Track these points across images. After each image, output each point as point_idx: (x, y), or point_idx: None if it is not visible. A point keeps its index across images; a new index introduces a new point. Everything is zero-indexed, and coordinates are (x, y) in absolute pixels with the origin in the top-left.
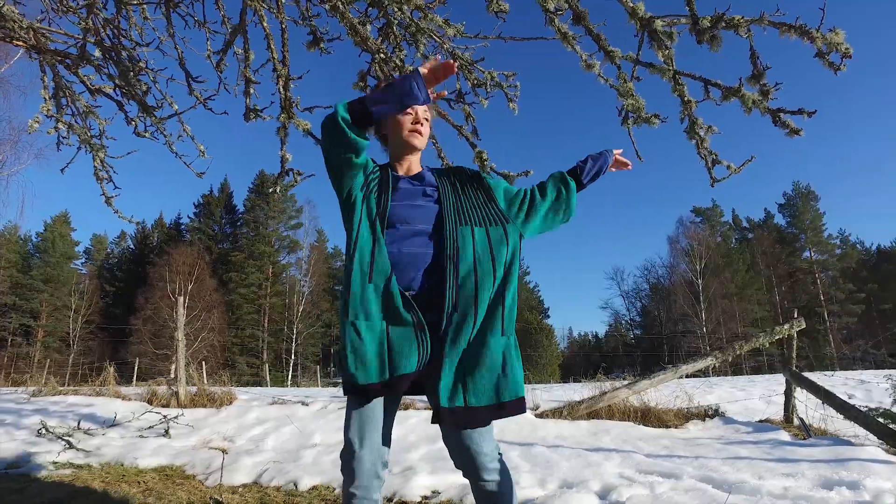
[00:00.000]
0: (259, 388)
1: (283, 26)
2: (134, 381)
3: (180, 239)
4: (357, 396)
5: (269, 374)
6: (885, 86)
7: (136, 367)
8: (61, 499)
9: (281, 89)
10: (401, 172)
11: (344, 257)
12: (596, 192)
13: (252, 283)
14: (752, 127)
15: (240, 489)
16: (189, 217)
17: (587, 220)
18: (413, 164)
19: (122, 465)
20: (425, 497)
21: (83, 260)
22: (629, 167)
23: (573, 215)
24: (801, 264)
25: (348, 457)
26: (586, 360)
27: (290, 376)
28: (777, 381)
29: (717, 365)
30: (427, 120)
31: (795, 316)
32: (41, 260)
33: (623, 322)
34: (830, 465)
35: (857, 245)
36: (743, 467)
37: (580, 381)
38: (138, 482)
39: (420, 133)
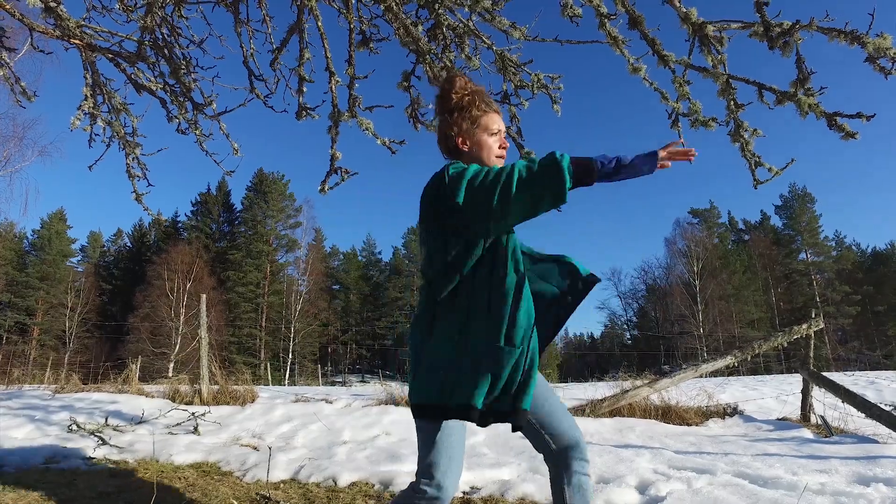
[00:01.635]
0: (278, 386)
1: (351, 26)
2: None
3: (178, 237)
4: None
5: (266, 373)
6: (876, 86)
7: (137, 366)
8: (110, 493)
9: (333, 89)
10: None
11: (434, 273)
12: (594, 194)
13: (250, 281)
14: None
15: (281, 485)
16: (187, 215)
17: (584, 221)
18: None
19: (158, 461)
20: (465, 493)
21: (80, 257)
22: (690, 157)
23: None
24: (797, 266)
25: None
26: (583, 360)
27: (287, 375)
28: (785, 381)
29: (736, 363)
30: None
31: (813, 316)
32: (37, 257)
33: (620, 323)
34: (862, 461)
35: (853, 247)
36: (774, 463)
37: (583, 382)
38: (178, 478)
39: (504, 157)
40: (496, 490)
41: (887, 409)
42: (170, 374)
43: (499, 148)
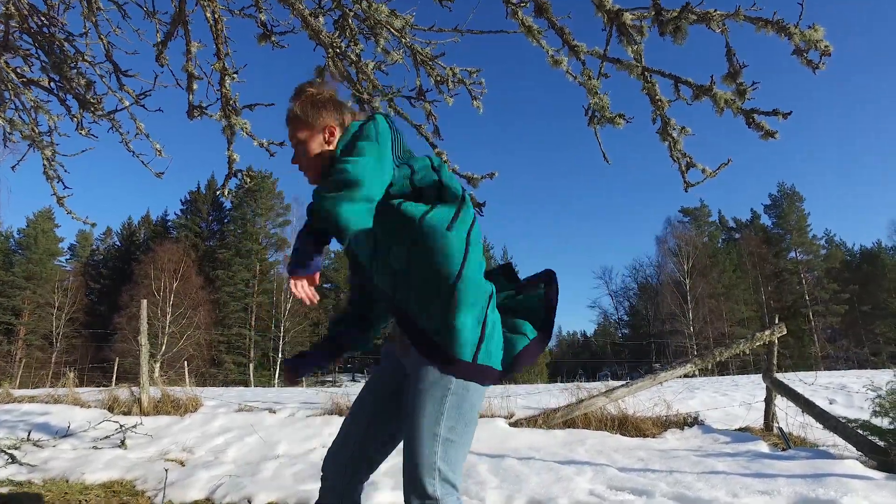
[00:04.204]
0: (236, 388)
1: (217, 16)
2: (114, 382)
3: (167, 236)
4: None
5: (256, 372)
6: (862, 84)
7: (115, 367)
8: None
9: (227, 85)
10: None
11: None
12: (585, 191)
13: (239, 280)
14: (737, 126)
15: None
16: (176, 214)
17: (575, 219)
18: None
19: (67, 481)
20: None
21: (68, 256)
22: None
23: None
24: (786, 265)
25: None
26: (574, 359)
27: (276, 375)
28: (760, 386)
29: (696, 372)
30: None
31: (777, 322)
32: (23, 256)
33: (611, 321)
34: (808, 480)
35: (841, 246)
36: (718, 483)
37: (567, 382)
38: (79, 501)
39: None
40: None
41: (850, 420)
42: (156, 375)
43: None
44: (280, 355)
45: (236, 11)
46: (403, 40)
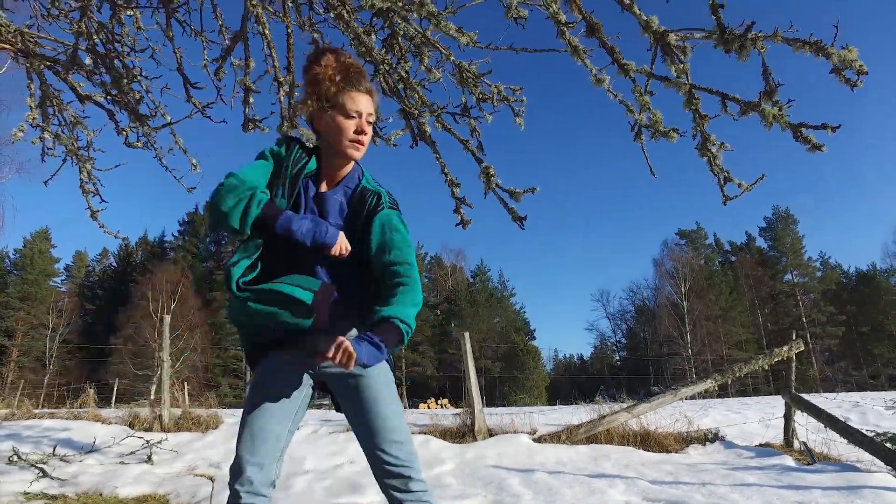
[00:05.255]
0: (237, 409)
1: (289, 30)
2: (113, 403)
3: (164, 257)
4: None
5: None
6: (849, 106)
7: (115, 388)
8: None
9: (282, 98)
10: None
11: None
12: (583, 213)
13: None
14: (735, 147)
15: None
16: (174, 235)
17: (573, 241)
18: (342, 172)
19: (101, 494)
20: None
21: (63, 277)
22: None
23: None
24: (782, 287)
25: None
26: (572, 381)
27: None
28: (770, 404)
29: (716, 387)
30: (370, 124)
31: (794, 338)
32: (19, 277)
33: (609, 344)
34: (843, 492)
35: (836, 268)
36: (753, 495)
37: (571, 405)
38: None
39: (359, 144)
40: None
41: (869, 433)
42: (151, 397)
43: (354, 133)
44: None
45: (306, 27)
46: (451, 58)
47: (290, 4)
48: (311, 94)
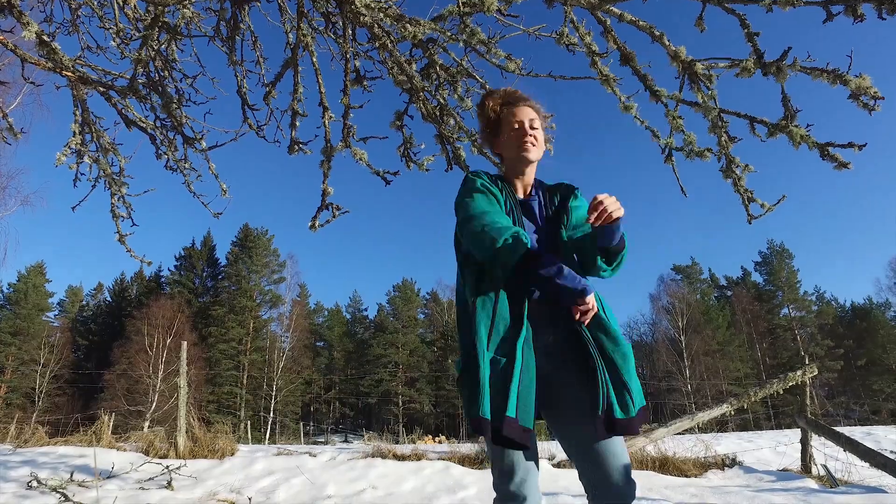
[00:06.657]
0: (259, 445)
1: (347, 56)
2: (108, 438)
3: (160, 292)
4: None
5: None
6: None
7: (110, 424)
8: None
9: (326, 123)
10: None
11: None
12: None
13: (232, 338)
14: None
15: None
16: (170, 270)
17: None
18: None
19: None
20: None
21: (56, 312)
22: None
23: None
24: (780, 321)
25: None
26: None
27: (268, 434)
28: (781, 434)
29: (732, 412)
30: (535, 129)
31: (807, 362)
32: (11, 311)
33: None
34: None
35: (832, 302)
36: None
37: None
38: None
39: (528, 145)
40: None
41: (892, 457)
42: (144, 430)
43: (518, 139)
44: (271, 415)
45: (363, 53)
46: (486, 87)
47: (335, 34)
48: (485, 128)
